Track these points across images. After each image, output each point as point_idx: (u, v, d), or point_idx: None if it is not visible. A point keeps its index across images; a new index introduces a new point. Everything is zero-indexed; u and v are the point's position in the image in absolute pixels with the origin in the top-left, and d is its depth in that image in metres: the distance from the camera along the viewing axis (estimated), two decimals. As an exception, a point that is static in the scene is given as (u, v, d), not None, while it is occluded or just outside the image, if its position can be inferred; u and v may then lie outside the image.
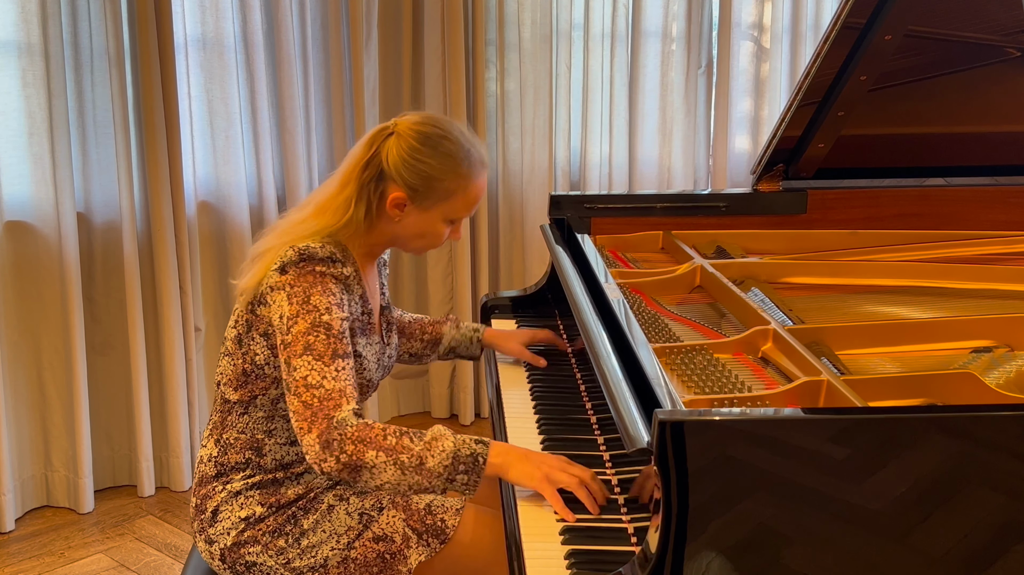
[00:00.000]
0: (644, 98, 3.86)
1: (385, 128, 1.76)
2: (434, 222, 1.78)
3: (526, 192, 3.81)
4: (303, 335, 1.65)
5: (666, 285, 2.17)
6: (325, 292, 1.68)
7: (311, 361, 1.63)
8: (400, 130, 1.75)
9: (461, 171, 1.74)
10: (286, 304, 1.67)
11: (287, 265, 1.69)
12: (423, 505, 1.77)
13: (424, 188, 1.73)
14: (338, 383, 1.63)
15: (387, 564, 1.73)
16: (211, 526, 1.79)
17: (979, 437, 1.24)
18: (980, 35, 2.29)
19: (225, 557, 1.77)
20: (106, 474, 3.36)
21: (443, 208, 1.76)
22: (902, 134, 2.53)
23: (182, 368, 3.32)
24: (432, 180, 1.73)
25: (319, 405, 1.61)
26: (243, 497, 1.78)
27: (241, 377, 1.78)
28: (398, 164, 1.72)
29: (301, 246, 1.70)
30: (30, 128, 3.04)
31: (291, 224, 1.78)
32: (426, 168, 1.72)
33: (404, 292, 3.86)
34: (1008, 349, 1.78)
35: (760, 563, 1.22)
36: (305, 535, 1.75)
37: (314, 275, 1.68)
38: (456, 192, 1.75)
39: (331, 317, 1.66)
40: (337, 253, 1.72)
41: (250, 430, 1.80)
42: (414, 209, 1.76)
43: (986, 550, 1.24)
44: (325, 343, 1.64)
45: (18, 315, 3.13)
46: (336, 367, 1.64)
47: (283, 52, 3.36)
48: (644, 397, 1.43)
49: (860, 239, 2.49)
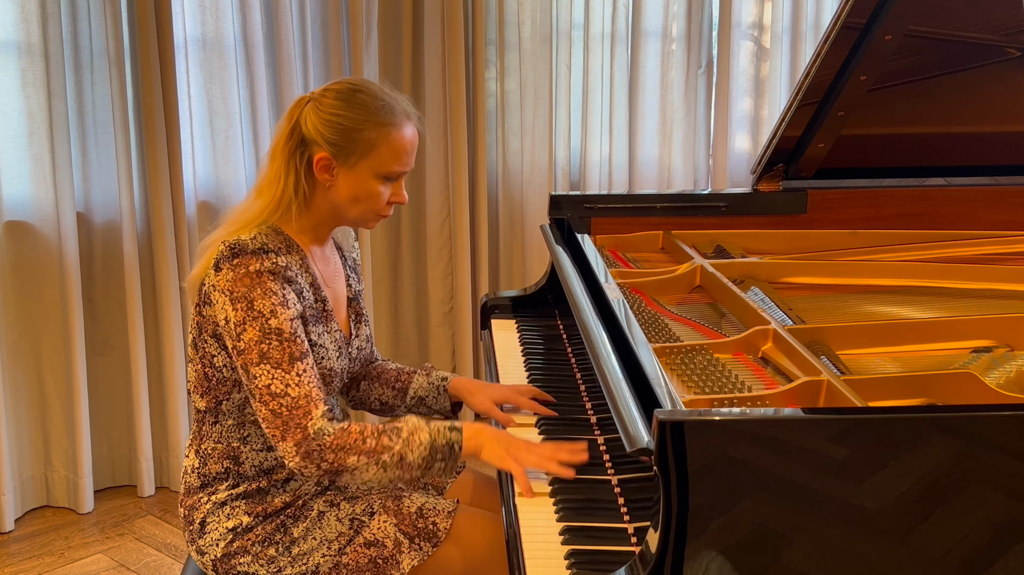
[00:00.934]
0: (644, 98, 3.85)
1: (303, 98, 1.76)
2: (365, 180, 1.73)
3: (526, 192, 3.81)
4: (256, 344, 1.64)
5: (666, 285, 2.17)
6: (266, 293, 1.65)
7: (270, 370, 1.63)
8: (316, 95, 1.74)
9: (380, 119, 1.71)
10: (230, 309, 1.66)
11: (220, 261, 1.68)
12: (414, 508, 1.74)
13: (344, 142, 1.70)
14: (303, 388, 1.63)
15: (379, 569, 1.71)
16: (200, 537, 1.77)
17: (979, 437, 1.24)
18: (980, 35, 2.29)
19: (217, 568, 1.76)
20: (106, 474, 3.36)
21: (370, 162, 1.72)
22: (902, 134, 2.53)
23: (182, 368, 3.32)
24: (351, 131, 1.70)
25: (288, 414, 1.62)
26: (228, 507, 1.76)
27: (204, 382, 1.76)
28: (316, 123, 1.70)
29: (231, 240, 1.68)
30: (30, 128, 3.05)
31: (234, 212, 1.78)
32: (342, 120, 1.70)
33: (404, 292, 3.86)
34: (1008, 349, 1.77)
35: (760, 563, 1.22)
36: (296, 543, 1.73)
37: (250, 276, 1.65)
38: (378, 142, 1.71)
39: (279, 320, 1.64)
40: (270, 243, 1.70)
41: (225, 439, 1.77)
42: (342, 170, 1.72)
43: (986, 550, 1.24)
44: (280, 349, 1.64)
45: (18, 315, 3.13)
46: (296, 371, 1.64)
47: (283, 52, 3.36)
48: (644, 397, 1.43)
49: (860, 239, 2.49)
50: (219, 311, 1.69)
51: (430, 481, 1.93)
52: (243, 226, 1.72)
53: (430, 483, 1.96)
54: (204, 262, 1.73)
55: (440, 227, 3.78)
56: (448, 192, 3.75)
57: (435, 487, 1.96)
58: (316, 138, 1.71)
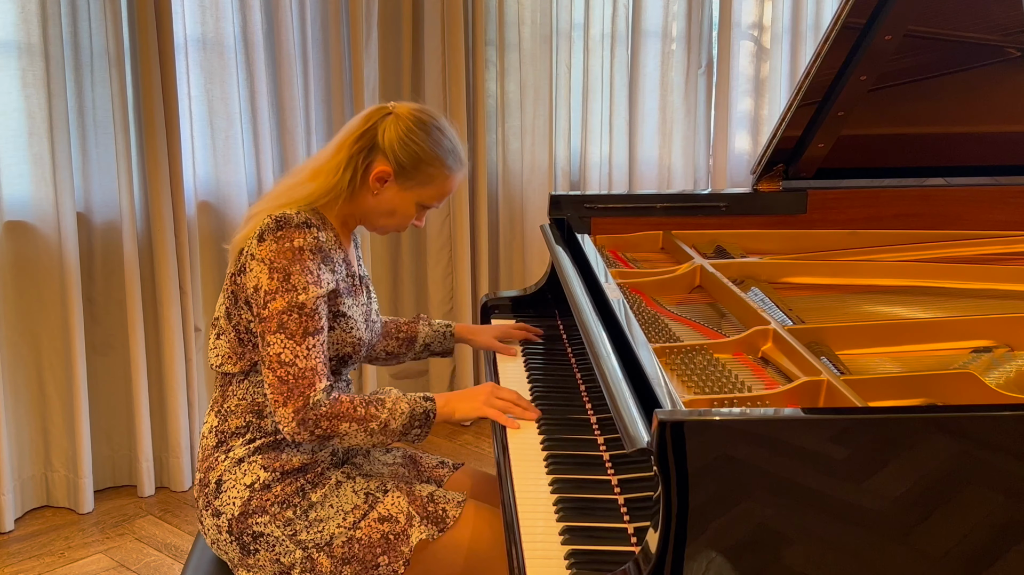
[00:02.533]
0: (644, 98, 3.86)
1: (384, 108, 1.87)
2: (408, 203, 1.87)
3: (526, 192, 3.81)
4: (279, 313, 1.74)
5: (666, 285, 2.17)
6: (303, 270, 1.74)
7: (284, 339, 1.73)
8: (399, 112, 1.85)
9: (447, 163, 1.86)
10: (265, 278, 1.75)
11: (265, 232, 1.76)
12: (426, 494, 1.82)
13: (411, 168, 1.84)
14: (310, 361, 1.74)
15: (390, 545, 1.76)
16: (216, 497, 1.81)
17: (979, 437, 1.24)
18: (980, 35, 2.29)
19: (232, 528, 1.79)
20: (106, 474, 3.36)
21: (420, 192, 1.87)
22: (902, 134, 2.53)
23: (182, 368, 3.32)
24: (420, 162, 1.84)
25: (294, 382, 1.73)
26: (246, 463, 1.81)
27: (239, 348, 1.84)
28: (393, 141, 1.82)
29: (277, 214, 1.77)
30: (30, 128, 3.05)
31: (285, 187, 1.87)
32: (418, 150, 1.83)
33: (404, 292, 3.86)
34: (1008, 349, 1.78)
35: (760, 563, 1.22)
36: (313, 508, 1.79)
37: (293, 251, 1.75)
38: (436, 180, 1.86)
39: (307, 296, 1.74)
40: (313, 219, 1.79)
41: (251, 394, 1.85)
42: (394, 186, 1.85)
43: (986, 550, 1.24)
44: (298, 322, 1.74)
45: (18, 315, 3.13)
46: (307, 345, 1.74)
47: (283, 52, 3.36)
48: (644, 397, 1.43)
49: (860, 239, 2.49)
50: (251, 279, 1.77)
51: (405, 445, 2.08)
52: (291, 203, 1.81)
53: (430, 477, 2.03)
54: (248, 231, 1.81)
55: (440, 227, 3.78)
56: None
57: (435, 481, 2.02)
58: (387, 152, 1.83)
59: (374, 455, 2.01)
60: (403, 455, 2.05)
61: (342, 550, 1.76)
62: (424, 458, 2.07)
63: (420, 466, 2.05)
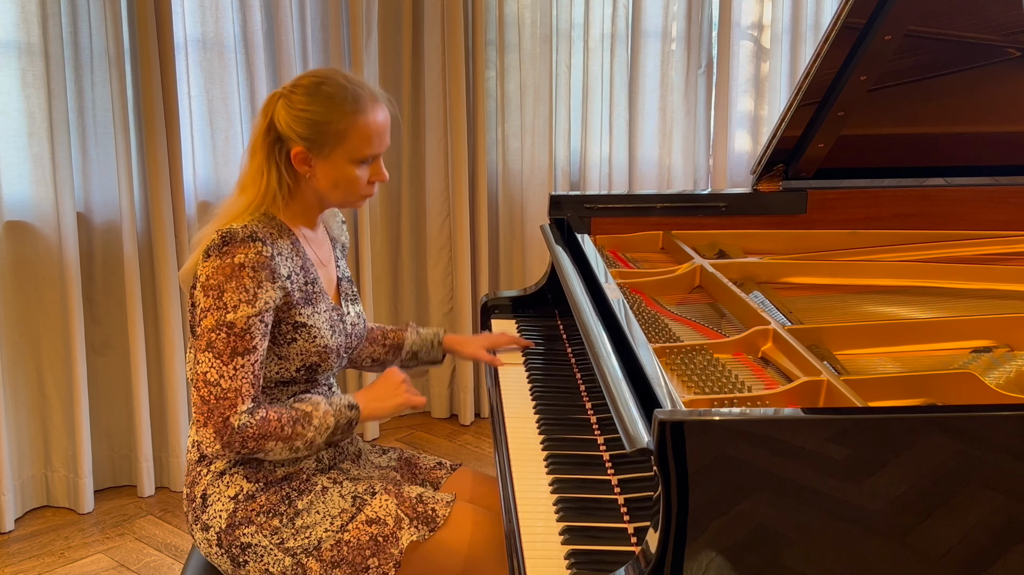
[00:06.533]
0: (644, 98, 3.85)
1: (275, 94, 1.82)
2: (341, 167, 1.80)
3: (526, 192, 3.81)
4: (208, 331, 1.73)
5: (666, 285, 2.17)
6: (238, 288, 1.71)
7: (211, 358, 1.72)
8: (285, 90, 1.80)
9: (346, 109, 1.77)
10: (202, 296, 1.74)
11: (210, 250, 1.75)
12: (414, 495, 1.80)
13: (316, 135, 1.77)
14: (235, 382, 1.71)
15: (380, 547, 1.75)
16: (203, 511, 1.81)
17: (979, 437, 1.24)
18: (980, 35, 2.29)
19: (222, 541, 1.78)
20: (106, 474, 3.36)
21: (343, 151, 1.78)
22: (902, 134, 2.53)
23: (182, 368, 3.32)
24: (320, 125, 1.77)
25: (215, 403, 1.71)
26: (227, 476, 1.81)
27: None
28: (287, 120, 1.77)
29: (224, 229, 1.75)
30: (30, 128, 3.05)
31: (223, 208, 1.84)
32: (310, 115, 1.76)
33: (404, 292, 3.86)
34: (1008, 349, 1.78)
35: (760, 563, 1.22)
36: (299, 515, 1.78)
37: (232, 267, 1.72)
38: (348, 131, 1.77)
39: (236, 315, 1.71)
40: (260, 230, 1.76)
41: None
42: (318, 160, 1.79)
43: (986, 550, 1.24)
44: (226, 342, 1.71)
45: (18, 315, 3.13)
46: (235, 365, 1.71)
47: (283, 52, 3.36)
48: (644, 397, 1.43)
49: (860, 239, 2.49)
50: (197, 295, 1.76)
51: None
52: (232, 219, 1.78)
53: (426, 479, 2.02)
54: (196, 255, 1.79)
55: (440, 227, 3.78)
56: (448, 192, 3.75)
57: (432, 483, 2.01)
58: (289, 133, 1.78)
59: (366, 458, 2.00)
60: (398, 457, 2.04)
61: (331, 554, 1.75)
62: (421, 459, 2.05)
63: (417, 468, 2.03)
